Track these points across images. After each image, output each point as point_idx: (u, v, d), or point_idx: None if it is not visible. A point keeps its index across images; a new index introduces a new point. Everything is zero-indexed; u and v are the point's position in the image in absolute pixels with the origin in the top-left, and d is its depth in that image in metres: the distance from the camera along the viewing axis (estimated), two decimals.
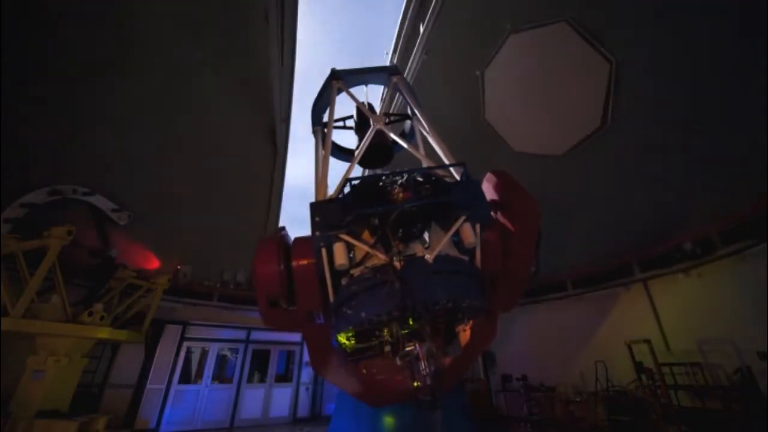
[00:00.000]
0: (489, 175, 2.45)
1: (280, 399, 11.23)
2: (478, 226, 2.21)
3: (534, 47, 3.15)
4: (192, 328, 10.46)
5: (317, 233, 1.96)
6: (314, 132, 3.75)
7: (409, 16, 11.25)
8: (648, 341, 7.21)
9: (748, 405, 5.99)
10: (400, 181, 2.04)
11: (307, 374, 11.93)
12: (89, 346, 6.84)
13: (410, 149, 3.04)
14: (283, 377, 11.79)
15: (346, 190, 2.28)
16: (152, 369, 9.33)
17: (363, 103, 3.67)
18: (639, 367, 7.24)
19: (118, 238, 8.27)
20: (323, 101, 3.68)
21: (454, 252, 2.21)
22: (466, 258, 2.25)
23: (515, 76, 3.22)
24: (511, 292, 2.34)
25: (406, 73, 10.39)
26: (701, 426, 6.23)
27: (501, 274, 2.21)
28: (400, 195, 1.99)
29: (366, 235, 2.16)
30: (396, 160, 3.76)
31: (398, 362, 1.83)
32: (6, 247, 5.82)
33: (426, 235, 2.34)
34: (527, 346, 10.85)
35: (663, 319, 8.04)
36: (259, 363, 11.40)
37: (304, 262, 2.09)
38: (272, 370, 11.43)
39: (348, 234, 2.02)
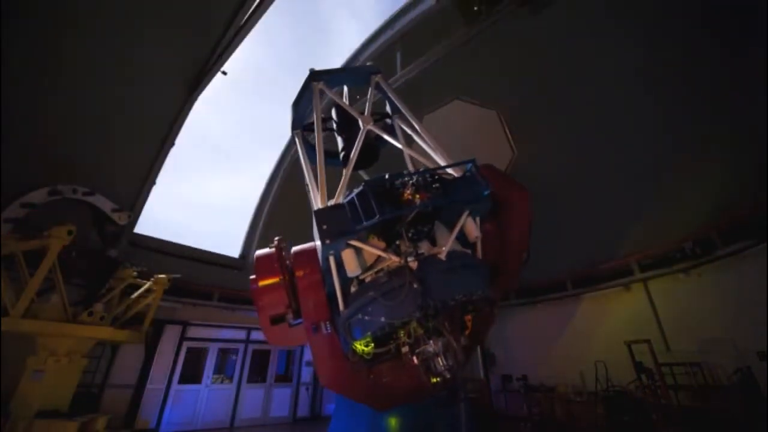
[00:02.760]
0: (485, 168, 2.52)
1: (280, 399, 11.24)
2: (478, 219, 2.28)
3: (466, 117, 3.74)
4: (192, 328, 10.46)
5: (327, 242, 1.90)
6: (294, 135, 3.58)
7: (380, 40, 11.36)
8: (648, 341, 7.21)
9: (748, 405, 5.99)
10: (411, 182, 2.04)
11: (307, 374, 11.94)
12: (89, 346, 6.83)
13: (405, 148, 2.94)
14: (283, 377, 11.81)
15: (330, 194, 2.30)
16: (152, 369, 9.33)
17: (345, 103, 3.58)
18: (639, 367, 7.24)
19: None
20: (303, 103, 3.52)
21: (458, 246, 2.25)
22: (469, 251, 2.31)
23: (444, 131, 3.65)
24: (510, 279, 2.49)
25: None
26: (701, 426, 6.23)
27: (501, 262, 2.34)
28: (417, 196, 1.98)
29: (371, 238, 2.16)
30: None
31: (416, 361, 1.85)
32: (6, 247, 5.81)
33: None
34: (527, 346, 10.85)
35: (663, 319, 8.05)
36: (259, 363, 11.40)
37: (311, 273, 2.04)
38: (272, 370, 11.44)
39: (357, 239, 2.00)
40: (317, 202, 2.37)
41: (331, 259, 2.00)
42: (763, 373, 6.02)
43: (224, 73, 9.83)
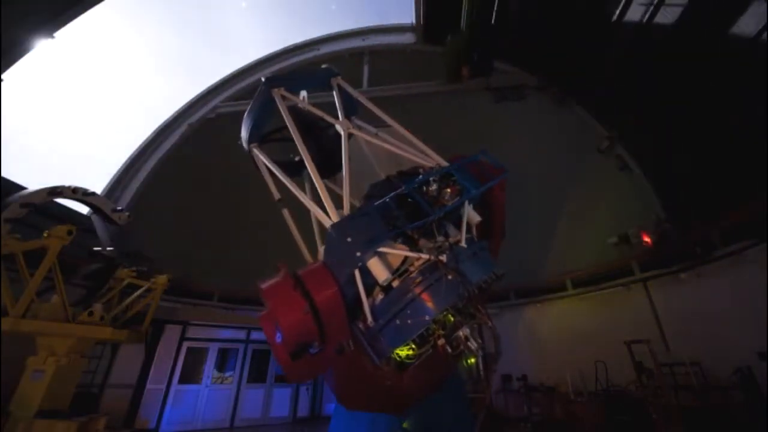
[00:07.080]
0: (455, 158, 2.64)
1: (280, 399, 11.23)
2: (472, 204, 2.38)
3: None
4: (192, 328, 10.45)
5: (359, 253, 1.85)
6: (250, 150, 3.12)
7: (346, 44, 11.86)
8: (648, 341, 7.20)
9: (748, 405, 5.99)
10: (433, 179, 2.11)
11: None
12: (89, 346, 6.83)
13: (391, 147, 2.82)
14: (284, 377, 11.78)
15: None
16: (152, 369, 9.32)
17: (307, 107, 3.27)
18: (639, 367, 7.23)
19: None
20: (261, 115, 3.12)
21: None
22: (470, 235, 2.36)
23: (373, 156, 3.65)
24: (495, 252, 2.70)
25: None
26: (701, 426, 6.22)
27: (489, 239, 2.52)
28: (449, 191, 2.07)
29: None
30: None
31: (450, 350, 1.86)
32: (6, 247, 5.81)
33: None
34: (527, 346, 10.83)
35: (663, 319, 8.04)
36: (259, 363, 11.40)
37: (330, 291, 1.93)
38: (272, 370, 11.42)
39: (385, 244, 1.98)
40: (325, 216, 2.22)
41: (356, 272, 1.93)
42: (763, 373, 6.02)
43: None
